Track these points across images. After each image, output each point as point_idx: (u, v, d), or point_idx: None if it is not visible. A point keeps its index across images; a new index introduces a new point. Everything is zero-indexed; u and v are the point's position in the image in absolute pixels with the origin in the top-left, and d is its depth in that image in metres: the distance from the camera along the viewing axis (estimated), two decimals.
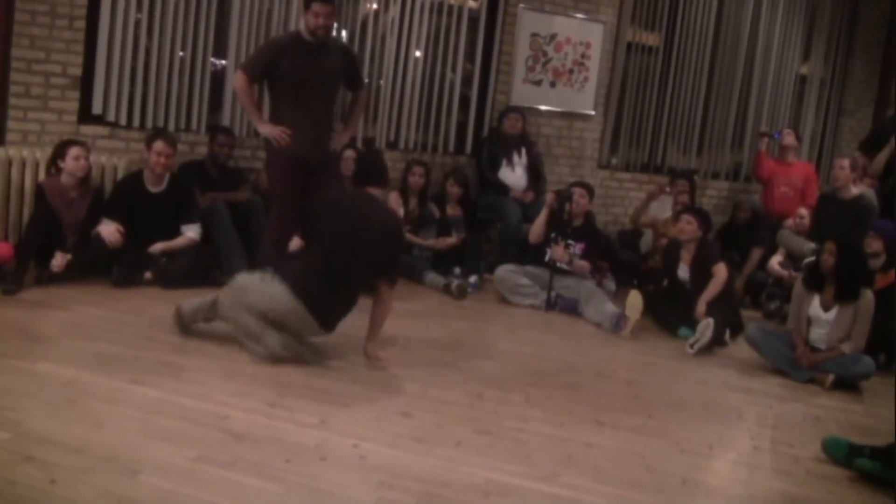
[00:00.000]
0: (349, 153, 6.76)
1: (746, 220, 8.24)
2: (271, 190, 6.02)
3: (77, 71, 6.42)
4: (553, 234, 6.74)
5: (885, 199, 7.42)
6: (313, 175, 5.76)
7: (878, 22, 9.78)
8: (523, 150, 7.85)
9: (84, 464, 3.24)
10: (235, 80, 5.97)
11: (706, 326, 5.93)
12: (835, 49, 9.78)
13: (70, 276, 5.71)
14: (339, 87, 6.09)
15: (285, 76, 5.67)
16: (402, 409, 4.18)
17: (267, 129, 5.78)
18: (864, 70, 9.85)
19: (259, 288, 4.66)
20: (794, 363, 5.57)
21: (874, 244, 6.17)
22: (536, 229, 6.85)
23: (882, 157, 7.76)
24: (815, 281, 5.67)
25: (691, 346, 5.92)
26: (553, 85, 8.44)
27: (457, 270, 7.00)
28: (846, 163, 7.28)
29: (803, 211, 7.55)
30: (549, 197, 6.88)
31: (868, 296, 5.48)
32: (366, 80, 6.74)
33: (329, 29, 5.69)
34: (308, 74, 5.64)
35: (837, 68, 9.84)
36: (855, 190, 7.24)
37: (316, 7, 5.55)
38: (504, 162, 7.75)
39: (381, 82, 7.72)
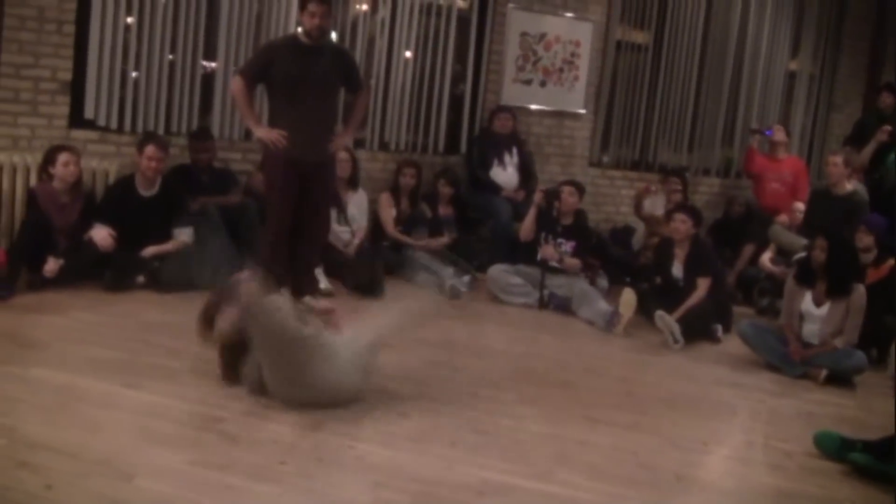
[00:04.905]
0: (344, 155, 6.74)
1: (740, 215, 8.27)
2: (268, 192, 5.96)
3: (66, 76, 6.41)
4: (542, 233, 6.76)
5: (871, 192, 7.45)
6: (310, 178, 5.74)
7: (865, 16, 9.79)
8: (514, 150, 7.86)
9: (79, 468, 3.24)
10: (232, 85, 5.96)
11: (659, 318, 6.00)
12: (823, 45, 9.79)
13: (62, 280, 5.70)
14: (336, 88, 6.04)
15: (281, 78, 5.63)
16: (397, 410, 4.19)
17: (263, 133, 5.71)
18: (852, 65, 9.86)
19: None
20: (786, 358, 5.58)
21: (865, 239, 6.18)
22: (526, 227, 6.86)
23: (868, 150, 7.80)
24: (806, 277, 5.69)
25: (675, 341, 5.95)
26: (543, 84, 8.45)
27: (449, 271, 6.98)
28: (839, 159, 7.28)
29: (800, 205, 7.58)
30: (538, 196, 6.89)
31: (859, 290, 5.51)
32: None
33: (323, 29, 5.68)
34: (304, 76, 5.60)
35: (826, 64, 9.85)
36: (848, 186, 7.25)
37: (312, 7, 5.52)
38: (495, 161, 7.76)
39: (372, 83, 7.70)
